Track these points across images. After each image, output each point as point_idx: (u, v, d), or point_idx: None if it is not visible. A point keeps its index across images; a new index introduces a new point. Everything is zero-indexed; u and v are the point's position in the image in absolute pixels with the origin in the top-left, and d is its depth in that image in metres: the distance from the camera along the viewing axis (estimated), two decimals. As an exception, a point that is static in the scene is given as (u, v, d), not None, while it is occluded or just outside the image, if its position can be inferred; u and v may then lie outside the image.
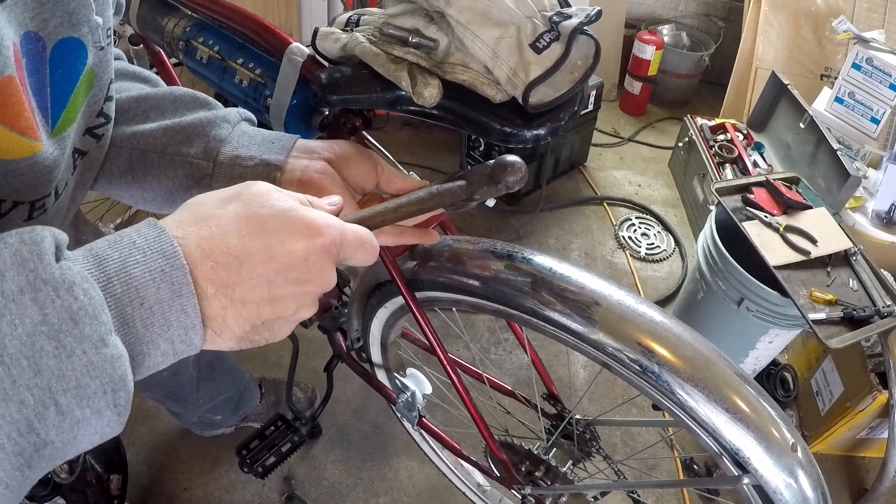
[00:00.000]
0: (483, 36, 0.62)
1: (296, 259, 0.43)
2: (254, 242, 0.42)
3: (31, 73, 0.50)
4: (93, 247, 0.39)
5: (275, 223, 0.43)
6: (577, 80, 0.63)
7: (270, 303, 0.44)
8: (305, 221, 0.44)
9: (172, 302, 0.39)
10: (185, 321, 0.40)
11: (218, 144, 0.65)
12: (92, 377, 0.35)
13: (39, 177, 0.53)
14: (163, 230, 0.40)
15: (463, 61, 0.64)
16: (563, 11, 0.64)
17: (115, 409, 0.36)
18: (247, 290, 0.42)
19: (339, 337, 1.27)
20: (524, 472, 1.06)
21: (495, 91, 0.63)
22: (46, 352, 0.33)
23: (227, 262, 0.41)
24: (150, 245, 0.39)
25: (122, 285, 0.37)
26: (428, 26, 0.66)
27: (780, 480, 0.68)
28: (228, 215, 0.43)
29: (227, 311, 0.42)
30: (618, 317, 0.73)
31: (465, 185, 0.59)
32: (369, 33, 0.69)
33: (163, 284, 0.38)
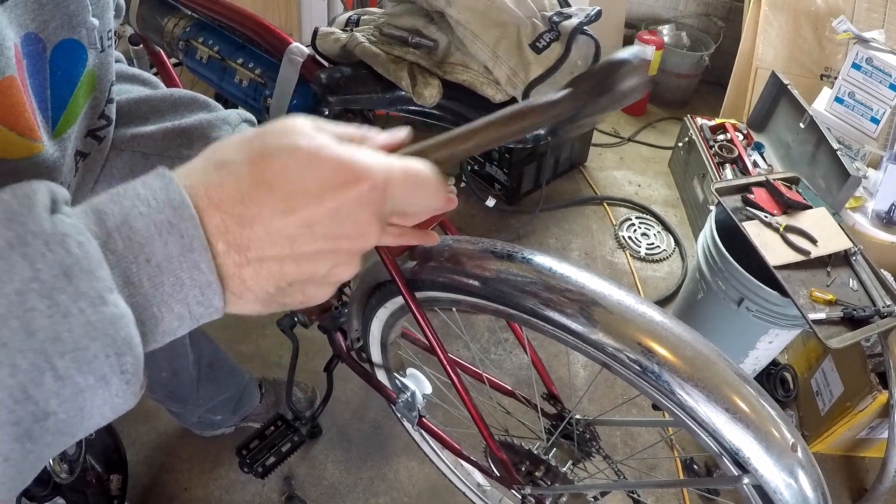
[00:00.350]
0: (483, 36, 0.62)
1: (324, 211, 0.37)
2: (270, 191, 0.36)
3: (31, 74, 0.50)
4: (93, 201, 0.35)
5: (296, 167, 0.37)
6: (577, 80, 0.63)
7: (295, 261, 0.38)
8: (337, 163, 0.37)
9: (183, 257, 0.34)
10: (200, 279, 0.35)
11: None
12: (91, 339, 0.31)
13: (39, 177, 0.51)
14: (171, 179, 0.35)
15: (463, 61, 0.65)
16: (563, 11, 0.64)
17: (122, 377, 0.33)
18: (264, 246, 0.36)
19: (338, 337, 1.27)
20: (524, 472, 1.06)
21: (495, 91, 0.63)
22: (39, 311, 0.30)
23: (239, 213, 0.36)
24: (156, 195, 0.35)
25: (123, 240, 0.33)
26: (428, 26, 0.66)
27: (780, 480, 0.68)
28: (244, 158, 0.37)
29: (244, 269, 0.37)
30: (618, 317, 0.73)
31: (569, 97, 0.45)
32: (369, 33, 0.69)
33: (171, 238, 0.34)
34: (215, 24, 0.90)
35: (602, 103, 0.44)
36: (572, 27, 0.62)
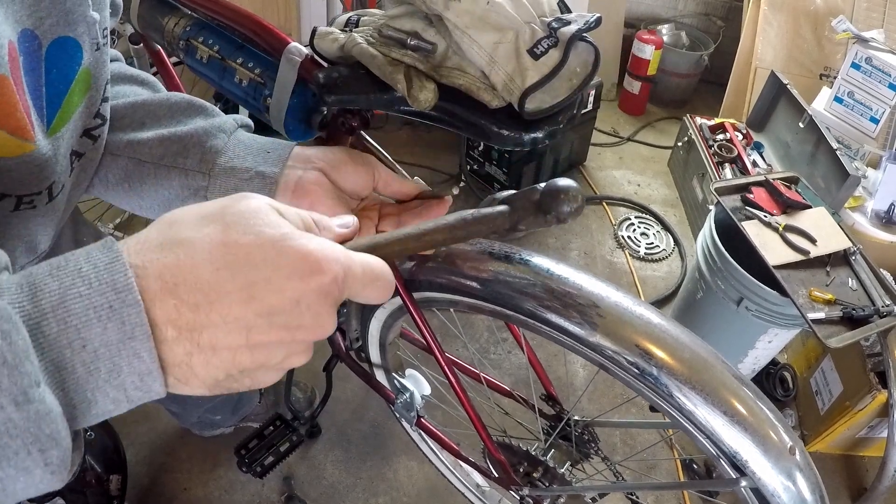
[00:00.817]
0: (480, 40, 0.62)
1: (285, 301, 0.36)
2: (231, 277, 0.34)
3: (27, 71, 0.49)
4: (32, 272, 0.33)
5: (261, 254, 0.35)
6: (576, 87, 0.63)
7: (250, 350, 0.36)
8: (301, 254, 0.36)
9: (122, 345, 0.32)
10: (140, 366, 0.33)
11: (214, 156, 0.63)
12: (12, 436, 0.29)
13: (30, 175, 0.51)
14: (117, 255, 0.33)
15: (460, 65, 0.64)
16: (563, 17, 0.64)
17: (46, 468, 0.31)
18: (219, 334, 0.35)
19: (337, 337, 1.27)
20: (522, 473, 1.06)
21: (491, 96, 0.63)
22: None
23: (195, 300, 0.34)
24: (99, 274, 0.32)
25: (58, 323, 0.31)
26: (427, 29, 0.66)
27: (778, 483, 0.68)
28: (204, 240, 0.35)
29: (193, 357, 0.35)
30: (616, 319, 0.73)
31: (507, 212, 0.49)
32: (368, 34, 0.69)
33: (110, 324, 0.32)
34: (215, 23, 0.89)
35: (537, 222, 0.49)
36: (571, 33, 0.61)
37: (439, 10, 0.62)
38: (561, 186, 0.48)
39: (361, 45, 0.67)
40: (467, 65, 0.64)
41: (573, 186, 0.48)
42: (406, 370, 1.23)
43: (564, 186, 0.48)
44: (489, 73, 0.63)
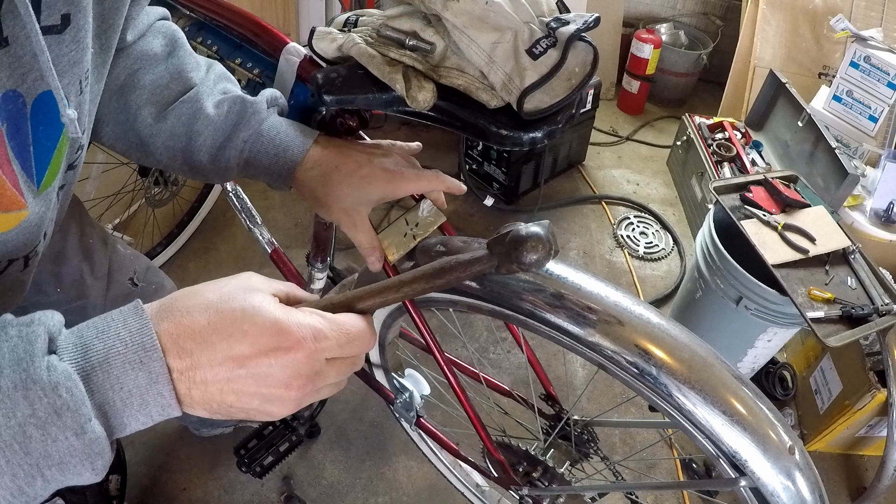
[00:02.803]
0: (479, 40, 0.62)
1: (258, 361, 0.46)
2: (216, 333, 0.45)
3: (12, 136, 0.48)
4: (83, 334, 0.44)
5: (242, 317, 0.46)
6: (574, 86, 0.63)
7: (234, 394, 0.46)
8: (274, 323, 0.46)
9: (150, 387, 0.43)
10: (161, 401, 0.44)
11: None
12: (73, 455, 0.41)
13: (29, 235, 0.56)
14: (146, 323, 0.44)
15: (459, 65, 0.64)
16: (561, 17, 0.64)
17: (93, 473, 0.43)
18: (208, 376, 0.45)
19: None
20: (521, 472, 1.06)
21: (490, 96, 0.63)
22: (35, 438, 0.39)
23: (189, 347, 0.45)
24: (133, 338, 0.43)
25: (103, 374, 0.42)
26: (425, 29, 0.66)
27: (778, 483, 0.68)
28: (203, 306, 0.46)
29: (192, 390, 0.45)
30: (615, 319, 0.73)
31: (487, 258, 0.50)
32: (366, 34, 0.69)
33: (140, 373, 0.43)
34: (213, 23, 0.89)
35: (511, 269, 0.49)
36: (569, 33, 0.61)
37: (438, 10, 0.62)
38: (522, 235, 0.47)
39: (360, 45, 0.67)
40: (466, 65, 0.64)
41: (536, 232, 0.47)
42: (405, 370, 1.23)
43: (525, 234, 0.47)
44: (488, 73, 0.63)
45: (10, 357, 0.40)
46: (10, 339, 0.40)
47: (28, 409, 0.39)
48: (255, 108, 0.72)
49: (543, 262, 0.48)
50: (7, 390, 0.39)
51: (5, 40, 0.44)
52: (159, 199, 1.94)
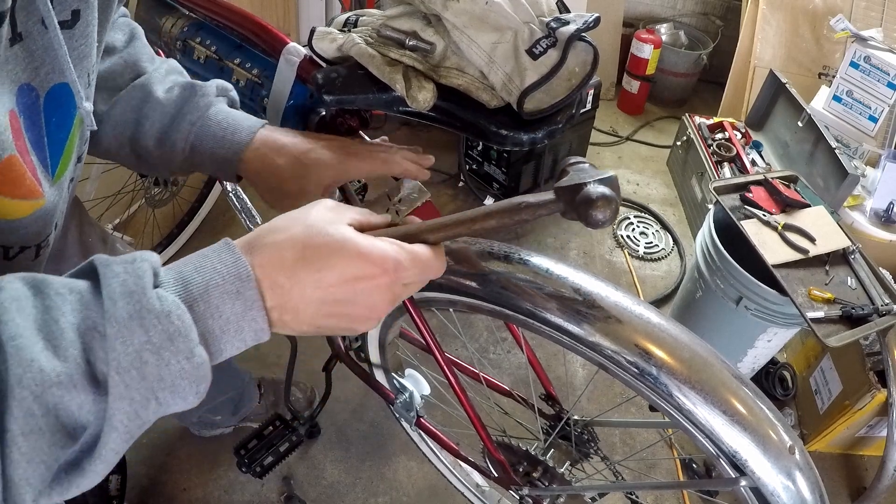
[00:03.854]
0: (479, 41, 0.62)
1: (345, 289, 0.50)
2: (306, 267, 0.49)
3: (28, 127, 0.50)
4: (182, 270, 0.47)
5: (329, 251, 0.49)
6: (574, 86, 0.63)
7: (324, 317, 0.51)
8: (359, 253, 0.50)
9: (245, 314, 0.47)
10: (256, 326, 0.48)
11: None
12: (183, 378, 0.44)
13: (42, 224, 0.57)
14: (239, 257, 0.48)
15: (459, 65, 0.64)
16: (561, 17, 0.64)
17: (196, 396, 0.46)
18: (299, 305, 0.49)
19: (337, 337, 1.27)
20: (522, 472, 1.06)
21: (490, 96, 0.63)
22: (150, 363, 0.42)
23: (281, 281, 0.48)
24: (228, 270, 0.47)
25: (204, 304, 0.45)
26: (425, 29, 0.66)
27: (778, 483, 0.68)
28: (289, 240, 0.50)
29: (285, 316, 0.49)
30: (615, 319, 0.73)
31: (553, 203, 0.53)
32: (367, 34, 0.69)
33: (237, 302, 0.46)
34: (213, 23, 0.89)
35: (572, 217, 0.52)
36: (569, 34, 0.61)
37: (438, 10, 0.62)
38: (595, 197, 0.49)
39: (360, 45, 0.67)
40: (466, 65, 0.64)
41: (609, 196, 0.49)
42: (405, 370, 1.23)
43: (600, 195, 0.49)
44: (488, 73, 0.63)
45: (122, 290, 0.42)
46: (118, 275, 0.43)
47: (144, 337, 0.42)
48: (204, 92, 0.73)
49: (609, 222, 0.50)
50: (123, 320, 0.41)
51: (19, 35, 0.46)
52: (159, 199, 1.94)
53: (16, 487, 0.39)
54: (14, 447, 0.38)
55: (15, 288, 0.42)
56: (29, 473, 0.39)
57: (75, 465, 0.43)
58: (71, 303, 0.42)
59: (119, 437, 0.42)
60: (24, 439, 0.39)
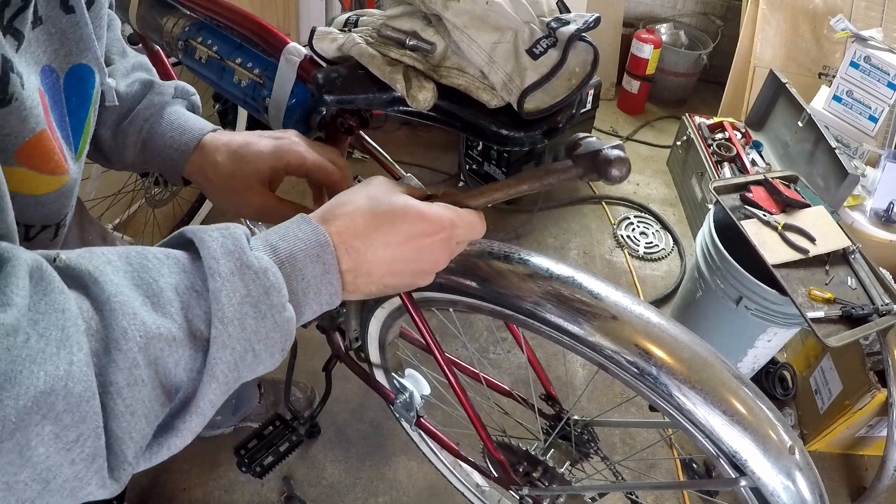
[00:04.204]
0: (479, 40, 0.62)
1: (411, 246, 0.56)
2: (377, 231, 0.55)
3: (51, 107, 0.52)
4: (268, 237, 0.51)
5: (394, 215, 0.56)
6: (575, 86, 0.63)
7: (391, 275, 0.56)
8: (420, 214, 0.56)
9: (323, 277, 0.52)
10: (330, 289, 0.53)
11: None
12: (276, 332, 0.47)
13: (64, 200, 0.59)
14: (317, 226, 0.53)
15: (459, 65, 0.64)
16: (562, 17, 0.64)
17: (282, 353, 0.50)
18: (371, 265, 0.54)
19: (337, 337, 1.27)
20: (522, 472, 1.06)
21: (490, 96, 0.63)
22: (249, 315, 0.45)
23: (356, 245, 0.54)
24: (308, 237, 0.52)
25: (290, 266, 0.50)
26: (426, 29, 0.66)
27: (778, 483, 0.68)
28: (358, 209, 0.56)
29: (357, 279, 0.55)
30: (615, 319, 0.73)
31: (573, 168, 0.61)
32: (367, 34, 0.69)
33: (317, 265, 0.51)
34: (214, 23, 0.89)
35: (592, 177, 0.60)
36: (570, 33, 0.61)
37: (438, 10, 0.62)
38: (612, 157, 0.58)
39: (360, 45, 0.67)
40: (466, 64, 0.64)
41: (623, 157, 0.58)
42: (405, 370, 1.23)
43: (615, 157, 0.58)
44: (488, 73, 0.63)
45: (222, 250, 0.46)
46: (216, 239, 0.46)
47: (244, 290, 0.45)
48: (161, 90, 0.74)
49: (625, 178, 0.58)
50: (226, 275, 0.45)
51: (40, 19, 0.48)
52: (159, 199, 1.94)
53: (118, 443, 0.40)
54: (119, 399, 0.40)
55: (107, 254, 0.43)
56: (131, 427, 0.41)
57: (167, 427, 0.46)
58: (168, 266, 0.45)
59: (218, 387, 0.45)
60: (129, 390, 0.40)
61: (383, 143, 0.91)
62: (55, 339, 0.36)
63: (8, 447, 0.35)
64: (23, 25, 0.44)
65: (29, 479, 0.36)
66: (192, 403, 0.45)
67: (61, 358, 0.36)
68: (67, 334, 0.37)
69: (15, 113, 0.44)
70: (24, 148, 0.48)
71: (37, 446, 0.36)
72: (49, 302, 0.37)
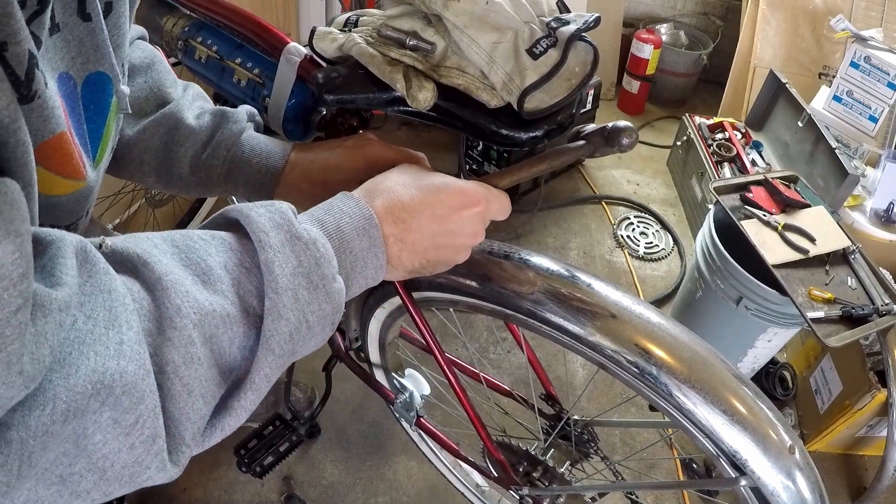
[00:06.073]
0: (479, 40, 0.62)
1: (454, 218, 0.58)
2: (422, 203, 0.57)
3: (69, 114, 0.52)
4: (314, 213, 0.52)
5: (437, 189, 0.58)
6: (575, 86, 0.63)
7: (434, 249, 0.58)
8: (460, 188, 0.60)
9: (370, 250, 0.53)
10: (376, 263, 0.54)
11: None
12: (328, 303, 0.48)
13: (78, 205, 0.58)
14: (360, 200, 0.54)
15: (459, 65, 0.64)
16: (562, 17, 0.64)
17: (332, 327, 0.50)
18: (417, 238, 0.56)
19: (337, 336, 1.27)
20: (522, 472, 1.06)
21: (490, 96, 0.63)
22: (302, 286, 0.45)
23: (403, 216, 0.55)
24: (353, 211, 0.53)
25: (338, 240, 0.51)
26: (426, 29, 0.66)
27: (778, 483, 0.68)
28: (401, 184, 0.58)
29: (402, 252, 0.56)
30: (615, 318, 0.73)
31: (585, 146, 0.66)
32: (367, 34, 0.69)
33: (364, 238, 0.52)
34: (214, 23, 0.89)
35: (606, 151, 0.66)
36: (570, 33, 0.61)
37: (438, 10, 0.62)
38: (621, 126, 0.64)
39: (360, 45, 0.67)
40: (466, 64, 0.64)
41: (630, 126, 0.64)
42: (405, 370, 1.23)
43: (624, 125, 0.64)
44: (488, 73, 0.63)
45: (271, 224, 0.46)
46: (263, 214, 0.46)
47: (295, 261, 0.45)
48: (235, 118, 0.75)
49: (633, 145, 0.64)
50: (277, 247, 0.45)
51: (57, 26, 0.48)
52: (159, 199, 1.94)
53: (176, 424, 0.40)
54: (176, 378, 0.39)
55: (152, 238, 0.45)
56: (189, 407, 0.40)
57: (221, 407, 0.44)
58: (214, 245, 0.45)
59: (274, 360, 0.44)
60: (186, 369, 0.39)
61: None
62: (103, 319, 0.36)
63: (63, 436, 0.34)
64: (40, 31, 0.43)
65: (85, 469, 0.36)
66: (247, 380, 0.44)
67: (110, 338, 0.36)
68: (115, 314, 0.37)
69: (37, 111, 0.44)
70: (42, 148, 0.47)
71: (94, 434, 0.35)
72: (95, 283, 0.37)
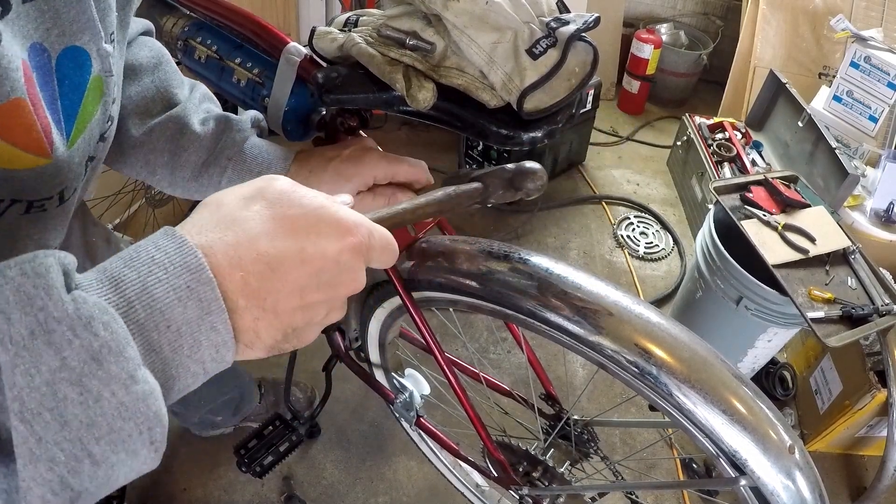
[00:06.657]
0: (479, 40, 0.62)
1: (329, 261, 0.41)
2: (285, 245, 0.39)
3: (42, 87, 0.49)
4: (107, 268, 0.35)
5: (306, 222, 0.40)
6: (574, 86, 0.63)
7: (303, 310, 0.41)
8: (336, 219, 0.42)
9: (201, 321, 0.35)
10: (216, 338, 0.36)
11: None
12: (125, 419, 0.32)
13: (42, 182, 0.52)
14: (184, 240, 0.36)
15: (459, 65, 0.64)
16: (561, 17, 0.64)
17: (151, 447, 0.34)
18: (280, 298, 0.39)
19: (337, 337, 1.27)
20: (522, 472, 1.06)
21: (490, 96, 0.63)
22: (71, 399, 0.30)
23: (258, 269, 0.38)
24: (171, 259, 0.35)
25: (144, 309, 0.33)
26: (426, 29, 0.66)
27: (778, 482, 0.68)
28: (255, 217, 0.39)
29: (259, 322, 0.39)
30: (615, 318, 0.73)
31: (481, 188, 0.59)
32: (367, 34, 0.69)
33: (189, 303, 0.35)
34: (214, 23, 0.89)
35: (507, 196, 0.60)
36: (569, 33, 0.61)
37: (438, 10, 0.62)
38: (528, 168, 0.58)
39: (360, 45, 0.67)
40: (466, 64, 0.64)
41: (538, 168, 0.58)
42: (405, 370, 1.23)
43: (530, 168, 0.58)
44: (488, 73, 0.63)
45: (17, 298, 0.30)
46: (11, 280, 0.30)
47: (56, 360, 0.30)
48: (240, 127, 0.74)
49: (540, 190, 0.59)
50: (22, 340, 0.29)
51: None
52: (159, 199, 1.95)
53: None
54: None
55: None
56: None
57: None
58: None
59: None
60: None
61: (383, 143, 0.90)
62: None
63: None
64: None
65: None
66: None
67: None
68: None
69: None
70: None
71: None
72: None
